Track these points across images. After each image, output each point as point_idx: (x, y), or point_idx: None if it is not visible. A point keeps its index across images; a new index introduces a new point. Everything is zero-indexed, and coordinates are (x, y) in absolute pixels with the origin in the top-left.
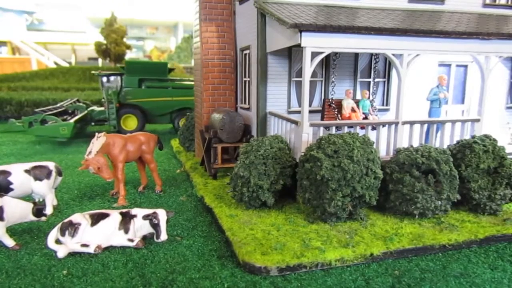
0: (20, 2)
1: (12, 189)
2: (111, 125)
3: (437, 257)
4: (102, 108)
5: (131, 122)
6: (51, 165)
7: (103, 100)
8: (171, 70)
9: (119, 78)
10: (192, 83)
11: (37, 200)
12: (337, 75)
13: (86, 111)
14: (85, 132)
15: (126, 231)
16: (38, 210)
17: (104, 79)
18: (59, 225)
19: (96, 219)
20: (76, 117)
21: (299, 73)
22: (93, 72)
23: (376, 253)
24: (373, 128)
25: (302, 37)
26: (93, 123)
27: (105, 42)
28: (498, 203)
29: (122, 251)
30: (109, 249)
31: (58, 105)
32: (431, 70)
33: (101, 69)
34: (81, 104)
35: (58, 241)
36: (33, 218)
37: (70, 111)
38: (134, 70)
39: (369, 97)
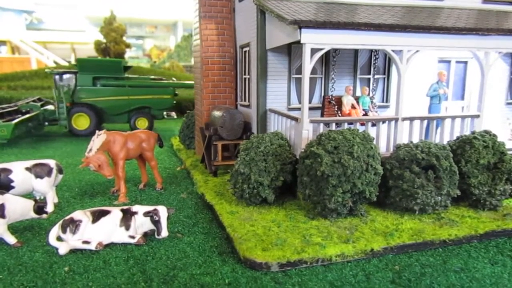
0: (19, 1)
1: (13, 187)
2: (61, 125)
3: (437, 252)
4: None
5: (83, 121)
6: (51, 163)
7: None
8: (127, 68)
9: (73, 76)
10: (153, 81)
11: (38, 197)
12: (337, 71)
13: (38, 111)
14: (40, 132)
15: (127, 228)
16: (39, 207)
17: (57, 77)
18: (60, 222)
19: (97, 216)
20: (21, 118)
21: (299, 70)
22: (46, 70)
23: (376, 248)
24: (373, 125)
25: (301, 33)
26: (46, 123)
27: (104, 41)
28: (498, 199)
29: (123, 248)
30: (110, 246)
31: (12, 104)
32: (431, 66)
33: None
34: (35, 103)
35: (59, 238)
36: (34, 215)
37: (23, 111)
38: (87, 68)
39: (369, 94)
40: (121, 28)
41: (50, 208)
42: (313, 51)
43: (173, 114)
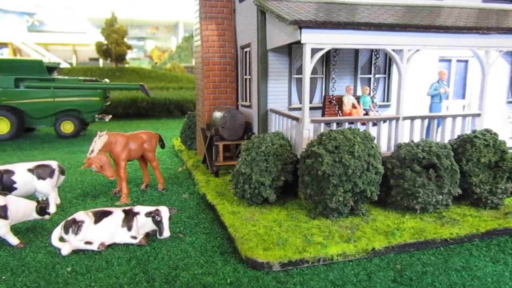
0: (20, 3)
1: (15, 188)
2: None
3: (438, 251)
4: None
5: (3, 125)
6: (54, 164)
7: None
8: (53, 68)
9: None
10: (81, 83)
11: (40, 199)
12: (338, 71)
13: None
14: None
15: (129, 229)
16: (42, 208)
17: None
18: (63, 223)
19: (99, 216)
20: None
21: (300, 70)
22: None
23: (378, 247)
24: (374, 124)
25: (302, 33)
26: None
27: (106, 42)
28: (500, 197)
29: (125, 248)
30: (113, 246)
31: None
32: (432, 65)
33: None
34: None
35: (62, 239)
36: (36, 216)
37: None
38: (6, 68)
39: (369, 93)
40: (122, 30)
41: (52, 209)
42: (314, 51)
43: (107, 118)
